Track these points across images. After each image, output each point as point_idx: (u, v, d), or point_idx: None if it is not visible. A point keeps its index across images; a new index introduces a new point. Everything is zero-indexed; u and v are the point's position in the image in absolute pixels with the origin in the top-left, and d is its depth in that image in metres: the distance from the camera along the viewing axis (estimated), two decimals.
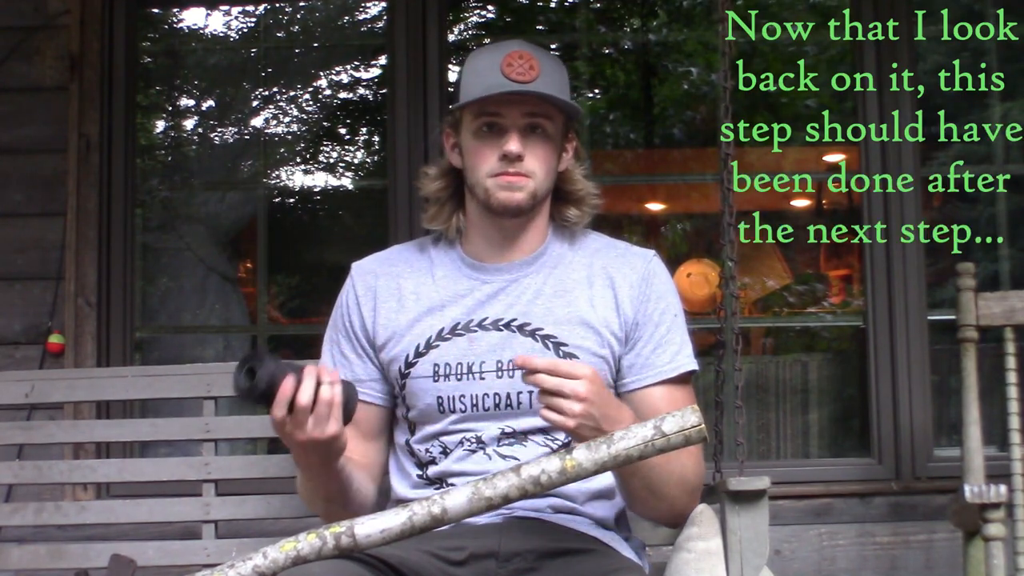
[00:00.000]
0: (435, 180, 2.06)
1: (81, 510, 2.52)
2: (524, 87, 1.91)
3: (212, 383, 2.40)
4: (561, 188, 2.05)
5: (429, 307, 2.00)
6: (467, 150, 1.98)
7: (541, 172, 1.95)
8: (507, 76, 1.91)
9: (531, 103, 1.93)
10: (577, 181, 2.05)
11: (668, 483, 1.88)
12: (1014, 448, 2.48)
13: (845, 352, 4.27)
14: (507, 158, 1.92)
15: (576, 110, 1.98)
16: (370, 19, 4.49)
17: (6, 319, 3.28)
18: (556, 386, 1.73)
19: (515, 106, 1.93)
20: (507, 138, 1.92)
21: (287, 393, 1.70)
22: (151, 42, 4.10)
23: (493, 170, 1.94)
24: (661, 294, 2.01)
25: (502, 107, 1.93)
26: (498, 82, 1.91)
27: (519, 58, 1.93)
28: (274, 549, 1.69)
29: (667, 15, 5.10)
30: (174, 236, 4.23)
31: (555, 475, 1.68)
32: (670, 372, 1.98)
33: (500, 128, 1.94)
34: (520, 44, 1.97)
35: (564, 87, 1.98)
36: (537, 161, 1.94)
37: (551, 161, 1.98)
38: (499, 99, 1.92)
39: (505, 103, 1.92)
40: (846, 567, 3.16)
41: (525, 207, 1.96)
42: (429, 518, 1.69)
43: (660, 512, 1.96)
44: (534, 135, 1.94)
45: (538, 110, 1.94)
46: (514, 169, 1.92)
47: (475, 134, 1.96)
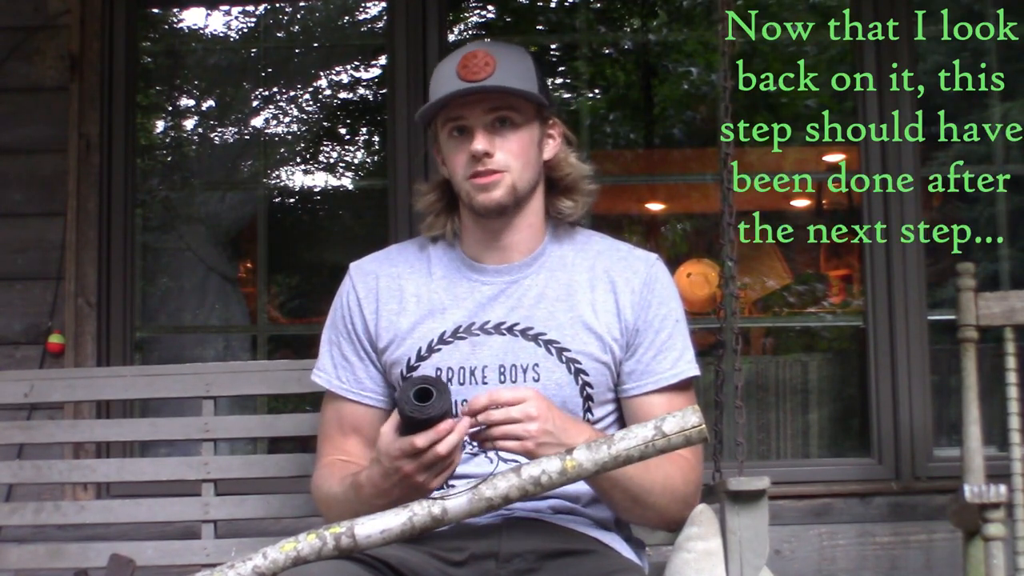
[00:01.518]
0: (427, 194, 2.07)
1: (80, 510, 2.52)
2: (475, 85, 1.90)
3: (211, 383, 2.41)
4: (551, 176, 2.03)
5: (430, 309, 1.99)
6: (446, 158, 1.99)
7: (517, 164, 1.94)
8: (463, 78, 1.91)
9: (489, 99, 1.92)
10: (566, 165, 2.03)
11: (651, 492, 1.87)
12: (1014, 448, 2.48)
13: (845, 352, 4.27)
14: (475, 157, 1.92)
15: (536, 97, 1.95)
16: (370, 19, 4.50)
17: (6, 319, 3.28)
18: (504, 415, 1.75)
19: (475, 105, 1.92)
20: (473, 139, 1.92)
21: (442, 432, 1.70)
22: (151, 42, 4.11)
23: (467, 172, 1.93)
24: (663, 299, 2.00)
25: (463, 109, 1.93)
26: (455, 86, 1.91)
27: (473, 58, 1.92)
28: (274, 549, 1.69)
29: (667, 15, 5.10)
30: (174, 236, 4.23)
31: (555, 475, 1.68)
32: (671, 379, 1.98)
33: (467, 130, 1.94)
34: (478, 44, 1.97)
35: (526, 76, 1.95)
36: (509, 154, 1.93)
37: (528, 152, 1.96)
38: (459, 100, 1.92)
39: (467, 104, 1.92)
40: (846, 567, 3.16)
41: (506, 203, 1.94)
42: (429, 519, 1.69)
43: (650, 520, 1.95)
44: (504, 128, 1.93)
45: (499, 103, 1.93)
46: (483, 167, 1.92)
47: (447, 141, 1.97)
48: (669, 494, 1.90)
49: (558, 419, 1.79)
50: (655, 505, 1.89)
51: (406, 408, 1.68)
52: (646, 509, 1.90)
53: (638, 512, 1.92)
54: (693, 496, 1.94)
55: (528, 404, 1.76)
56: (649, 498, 1.88)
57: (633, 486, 1.85)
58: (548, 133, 2.01)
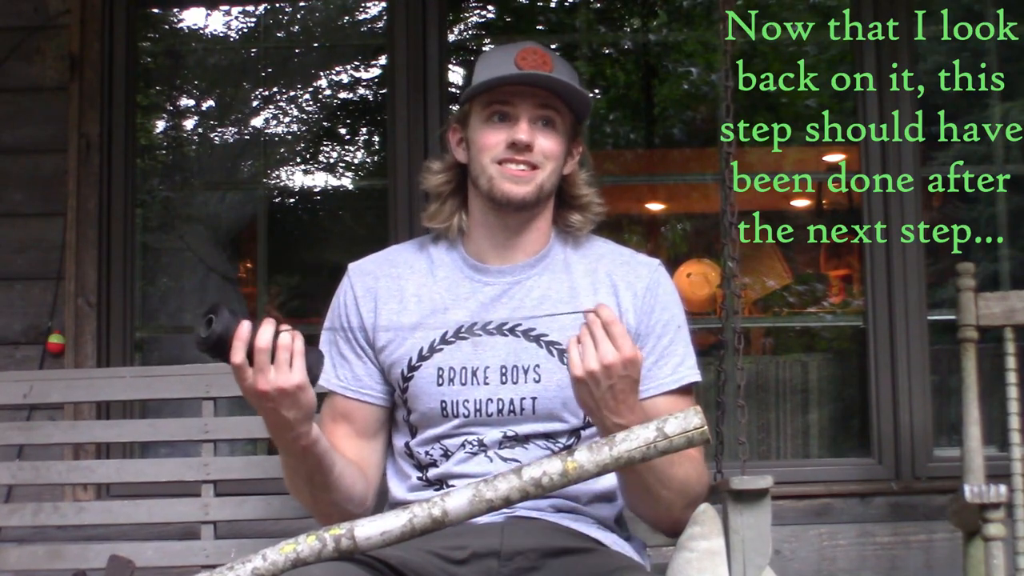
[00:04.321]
0: (438, 174, 2.05)
1: (80, 511, 2.51)
2: (544, 74, 1.91)
3: (211, 384, 2.41)
4: (565, 192, 2.04)
5: (432, 309, 1.99)
6: (474, 140, 1.97)
7: (549, 165, 1.95)
8: (521, 68, 1.92)
9: (543, 94, 1.93)
10: (581, 186, 2.05)
11: (669, 486, 1.87)
12: (1014, 448, 2.48)
13: (845, 352, 4.27)
14: (516, 146, 1.92)
15: (587, 105, 1.98)
16: (370, 19, 4.50)
17: (6, 319, 3.28)
18: (599, 339, 1.73)
19: (527, 97, 1.93)
20: (517, 127, 1.92)
21: (244, 336, 1.69)
22: (151, 42, 4.10)
23: (499, 156, 1.93)
24: (665, 305, 2.00)
25: (515, 97, 1.93)
26: (513, 71, 1.92)
27: (533, 53, 1.94)
28: (273, 551, 1.68)
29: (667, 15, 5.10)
30: (174, 236, 4.23)
31: (556, 477, 1.67)
32: (672, 384, 1.98)
33: (511, 118, 1.94)
34: (532, 43, 1.98)
35: (576, 84, 1.98)
36: (546, 154, 1.94)
37: (560, 158, 1.98)
38: (512, 88, 1.92)
39: (518, 93, 1.93)
40: (846, 567, 3.16)
41: (530, 201, 1.95)
42: (429, 520, 1.69)
43: (658, 514, 1.95)
44: (545, 128, 1.95)
45: (550, 102, 1.94)
46: (522, 158, 1.92)
47: (484, 122, 1.96)
48: (682, 492, 1.90)
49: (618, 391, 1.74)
50: (666, 499, 1.89)
51: (200, 345, 1.69)
52: (658, 502, 1.90)
53: (649, 504, 1.92)
54: (696, 499, 1.94)
55: (615, 353, 1.72)
56: (664, 491, 1.87)
57: (651, 476, 1.84)
58: (572, 150, 2.03)
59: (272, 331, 1.71)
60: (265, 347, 1.70)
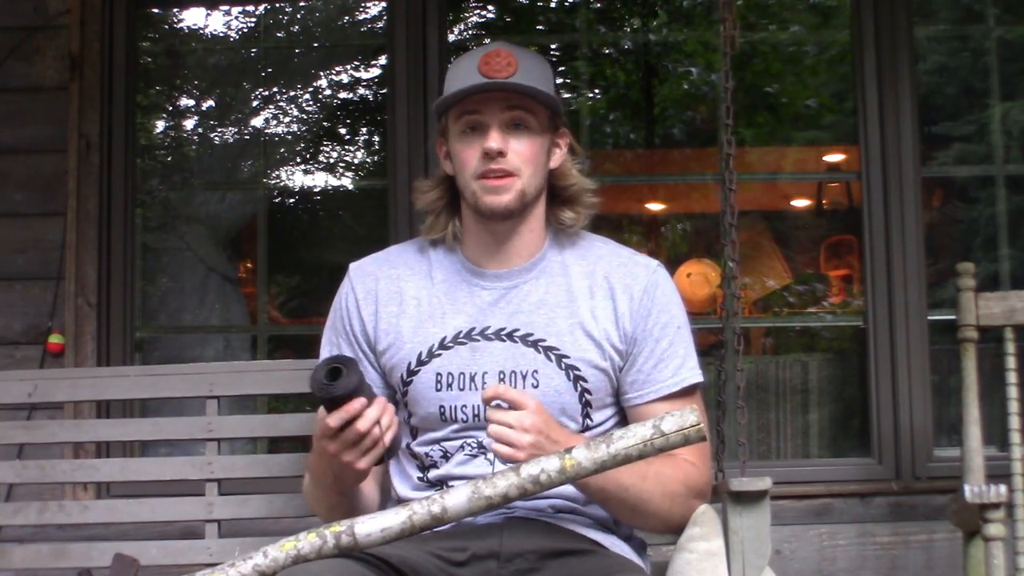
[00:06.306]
0: (429, 191, 2.05)
1: (83, 510, 2.51)
2: (499, 81, 1.90)
3: (215, 383, 2.40)
4: (554, 186, 2.03)
5: (431, 313, 1.99)
6: (455, 154, 1.98)
7: (528, 169, 1.94)
8: (484, 74, 1.91)
9: (508, 98, 1.92)
10: (570, 176, 2.03)
11: (651, 501, 1.87)
12: (1014, 448, 2.49)
13: (845, 352, 4.27)
14: (488, 155, 1.91)
15: (555, 101, 1.96)
16: (370, 19, 4.50)
17: (6, 319, 3.28)
18: (501, 417, 1.75)
19: (494, 102, 1.92)
20: (488, 135, 1.91)
21: (353, 411, 1.73)
22: (151, 42, 4.10)
23: (477, 170, 1.93)
24: (663, 307, 1.99)
25: (481, 105, 1.92)
26: (476, 81, 1.91)
27: (496, 56, 1.92)
28: (275, 548, 1.69)
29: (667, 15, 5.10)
30: (174, 236, 4.23)
31: (554, 474, 1.68)
32: (672, 387, 1.97)
33: (482, 127, 1.93)
34: (499, 44, 1.97)
35: (546, 82, 1.96)
36: (522, 158, 1.93)
37: (538, 157, 1.96)
38: (478, 96, 1.91)
39: (484, 100, 1.92)
40: (846, 567, 3.16)
41: (514, 208, 1.94)
42: (429, 517, 1.70)
43: (654, 526, 1.96)
44: (517, 131, 1.93)
45: (518, 103, 1.92)
46: (497, 166, 1.91)
47: (459, 136, 1.96)
48: (669, 498, 1.89)
49: (553, 433, 1.78)
50: (656, 513, 1.89)
51: (315, 388, 1.73)
52: (647, 517, 1.90)
53: (639, 521, 1.93)
54: (698, 498, 1.94)
55: (524, 415, 1.76)
56: (648, 507, 1.88)
57: (630, 497, 1.85)
58: (556, 142, 2.01)
59: (376, 418, 1.74)
60: (362, 432, 1.74)
